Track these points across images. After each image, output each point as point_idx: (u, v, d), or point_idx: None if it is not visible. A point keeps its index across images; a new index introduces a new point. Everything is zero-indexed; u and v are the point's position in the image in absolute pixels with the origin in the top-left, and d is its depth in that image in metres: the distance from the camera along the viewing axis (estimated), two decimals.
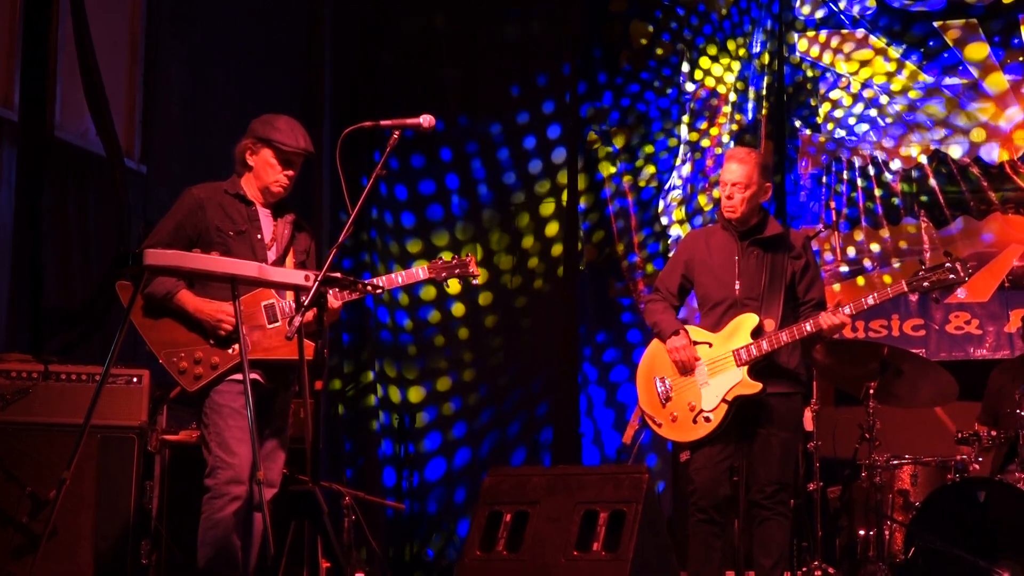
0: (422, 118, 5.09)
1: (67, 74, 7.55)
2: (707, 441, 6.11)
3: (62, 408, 6.13)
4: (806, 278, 6.25)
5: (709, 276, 6.29)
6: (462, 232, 10.27)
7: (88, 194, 7.69)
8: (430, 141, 10.20)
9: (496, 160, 10.34)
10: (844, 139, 9.77)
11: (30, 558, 5.73)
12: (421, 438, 10.02)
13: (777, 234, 6.24)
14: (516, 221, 10.25)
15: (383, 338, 10.14)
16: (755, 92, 9.96)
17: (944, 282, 5.98)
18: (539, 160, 10.28)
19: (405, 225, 10.29)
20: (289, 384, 5.66)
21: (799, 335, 6.04)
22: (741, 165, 6.21)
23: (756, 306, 6.14)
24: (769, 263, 6.18)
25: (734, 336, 6.12)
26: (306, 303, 4.72)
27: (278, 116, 5.69)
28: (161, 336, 5.48)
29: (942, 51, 9.59)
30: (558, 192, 10.17)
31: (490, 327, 10.18)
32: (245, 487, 5.38)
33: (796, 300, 6.24)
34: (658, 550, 5.49)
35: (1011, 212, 9.35)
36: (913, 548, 6.66)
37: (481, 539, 5.52)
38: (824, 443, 7.54)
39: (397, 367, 10.16)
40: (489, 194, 10.30)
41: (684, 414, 6.15)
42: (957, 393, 7.14)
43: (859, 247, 9.65)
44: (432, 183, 10.35)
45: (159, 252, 4.90)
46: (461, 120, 10.36)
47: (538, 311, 10.12)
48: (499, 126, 10.35)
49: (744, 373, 6.07)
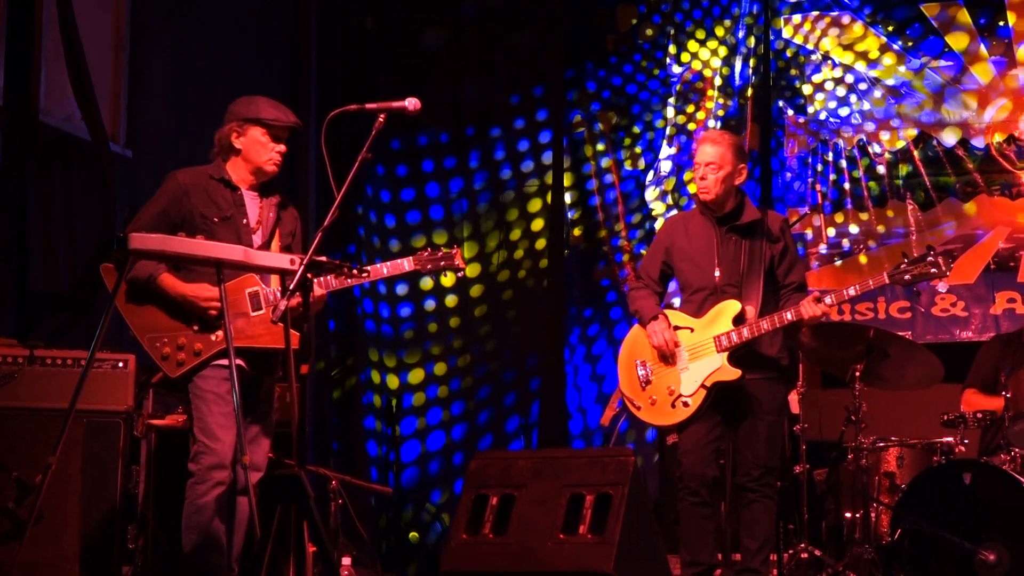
0: (407, 101, 5.07)
1: (52, 58, 7.51)
2: (692, 423, 6.14)
3: (48, 393, 6.11)
4: (785, 261, 6.26)
5: (688, 263, 6.30)
6: (451, 217, 10.26)
7: (73, 179, 7.66)
8: (414, 125, 10.19)
9: (482, 147, 10.33)
10: (830, 122, 9.77)
11: (16, 543, 5.71)
12: (405, 419, 10.03)
13: (755, 220, 6.25)
14: (502, 205, 10.24)
15: (368, 326, 10.14)
16: (741, 75, 9.95)
17: (926, 275, 6.01)
18: (527, 142, 10.27)
19: (393, 203, 10.30)
20: (273, 370, 5.65)
21: (780, 323, 6.06)
22: (715, 146, 6.21)
23: (736, 292, 6.16)
24: (747, 249, 6.20)
25: (715, 322, 6.14)
26: (291, 287, 4.71)
27: (256, 96, 5.68)
28: (144, 321, 5.47)
29: (927, 35, 9.59)
30: (543, 176, 10.16)
31: (480, 314, 10.19)
32: (228, 472, 5.39)
33: (776, 284, 6.26)
34: (645, 533, 5.50)
35: (996, 194, 9.37)
36: (899, 530, 6.67)
37: (467, 522, 5.53)
38: (810, 425, 7.55)
39: (384, 353, 10.15)
40: (476, 178, 10.29)
41: (663, 398, 6.18)
42: (943, 375, 7.16)
43: (844, 230, 9.66)
44: (412, 167, 10.34)
45: (144, 236, 4.88)
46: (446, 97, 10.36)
47: (525, 295, 10.12)
48: (485, 116, 10.35)
49: (724, 359, 6.09)
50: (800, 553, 7.30)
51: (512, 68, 10.38)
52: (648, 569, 5.48)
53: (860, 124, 9.70)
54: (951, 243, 9.37)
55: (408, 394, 10.09)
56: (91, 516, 6.19)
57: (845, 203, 9.66)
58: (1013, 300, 9.19)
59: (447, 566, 5.49)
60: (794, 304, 6.10)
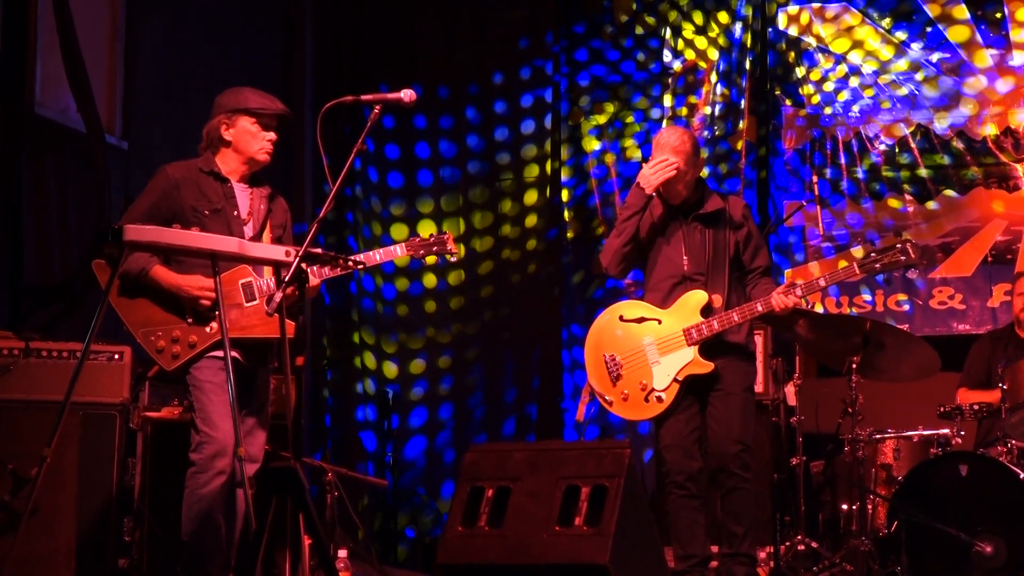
0: (403, 93, 5.07)
1: (47, 50, 7.49)
2: (669, 416, 6.15)
3: (43, 385, 6.11)
4: (750, 247, 6.28)
5: (655, 251, 6.29)
6: (447, 203, 10.23)
7: (68, 170, 7.65)
8: (408, 113, 10.16)
9: (478, 130, 10.31)
10: (827, 114, 9.75)
11: (11, 536, 5.71)
12: (407, 412, 10.03)
13: (718, 208, 6.24)
14: (496, 196, 10.23)
15: (365, 306, 10.12)
16: (738, 67, 9.94)
17: (896, 264, 6.03)
18: (521, 132, 10.26)
19: (392, 188, 10.28)
20: (268, 362, 5.67)
21: (750, 315, 6.10)
22: (675, 153, 6.19)
23: (703, 282, 6.16)
24: (712, 238, 6.21)
25: (682, 313, 6.15)
26: (286, 279, 4.71)
27: (242, 88, 5.69)
28: (138, 315, 5.48)
29: (926, 26, 9.58)
30: (542, 166, 10.15)
31: (474, 300, 10.18)
32: (230, 461, 5.40)
33: (743, 269, 6.27)
34: (640, 524, 5.49)
35: (994, 187, 9.35)
36: (896, 522, 6.67)
37: (463, 515, 5.52)
38: (807, 417, 7.56)
39: (378, 335, 10.13)
40: (472, 166, 10.27)
41: (635, 393, 6.19)
42: (939, 367, 7.15)
43: (842, 222, 9.64)
44: (405, 151, 10.31)
45: (140, 228, 4.86)
46: (441, 92, 10.32)
47: (523, 286, 10.12)
48: (475, 106, 10.33)
49: (695, 352, 6.10)
50: (797, 545, 7.30)
51: (506, 52, 10.36)
52: (644, 561, 5.47)
53: (857, 116, 9.69)
54: (948, 235, 9.37)
55: (402, 385, 10.07)
56: (87, 509, 6.19)
57: (843, 195, 9.65)
58: (1010, 292, 9.18)
59: (443, 558, 5.49)
60: (763, 289, 6.15)
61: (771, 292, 6.09)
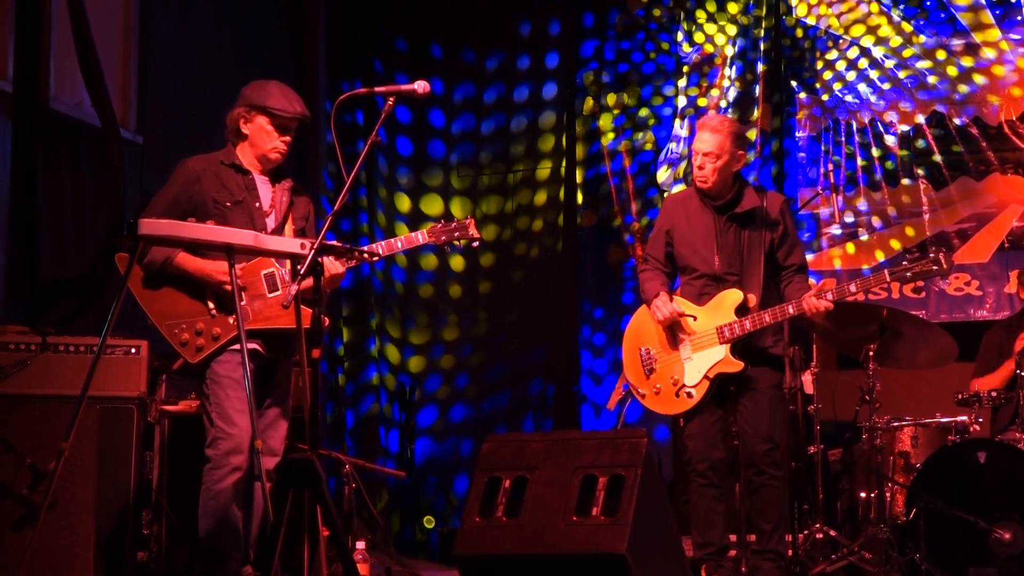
0: (417, 84, 5.05)
1: (61, 44, 7.49)
2: (696, 413, 6.17)
3: (61, 379, 6.11)
4: (785, 244, 6.27)
5: (688, 248, 6.31)
6: (458, 201, 10.25)
7: (83, 165, 7.65)
8: (423, 105, 10.17)
9: (491, 119, 10.31)
10: (842, 101, 9.72)
11: (30, 529, 5.72)
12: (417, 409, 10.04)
13: (754, 207, 6.22)
14: (511, 186, 10.22)
15: (377, 289, 10.13)
16: (753, 55, 9.91)
17: (928, 273, 6.03)
18: (535, 120, 10.25)
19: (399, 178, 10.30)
20: (290, 353, 5.65)
21: (782, 317, 6.10)
22: (713, 134, 6.18)
23: (736, 281, 6.16)
24: (747, 238, 6.21)
25: (718, 312, 6.16)
26: (302, 272, 4.70)
27: (269, 81, 5.65)
28: (162, 308, 5.47)
29: (940, 13, 9.53)
30: (558, 156, 10.15)
31: (485, 291, 10.19)
32: (245, 457, 5.38)
33: (777, 267, 6.26)
34: (658, 514, 5.48)
35: (1010, 172, 9.31)
36: (914, 510, 6.67)
37: (480, 505, 5.52)
38: (824, 406, 7.54)
39: (400, 324, 10.14)
40: (486, 155, 10.27)
41: (667, 387, 6.22)
42: (957, 354, 7.14)
43: (857, 209, 9.62)
44: (421, 145, 10.31)
45: (154, 222, 4.86)
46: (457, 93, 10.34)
47: (536, 275, 10.12)
48: (495, 91, 10.33)
49: (727, 351, 6.11)
50: (815, 533, 7.29)
51: (520, 40, 10.35)
52: (661, 550, 5.46)
53: (872, 103, 9.65)
54: (964, 222, 9.33)
55: (423, 379, 10.08)
56: (105, 502, 6.18)
57: (858, 183, 9.62)
58: None
59: (460, 549, 5.48)
60: (796, 288, 6.15)
61: (804, 292, 6.10)
